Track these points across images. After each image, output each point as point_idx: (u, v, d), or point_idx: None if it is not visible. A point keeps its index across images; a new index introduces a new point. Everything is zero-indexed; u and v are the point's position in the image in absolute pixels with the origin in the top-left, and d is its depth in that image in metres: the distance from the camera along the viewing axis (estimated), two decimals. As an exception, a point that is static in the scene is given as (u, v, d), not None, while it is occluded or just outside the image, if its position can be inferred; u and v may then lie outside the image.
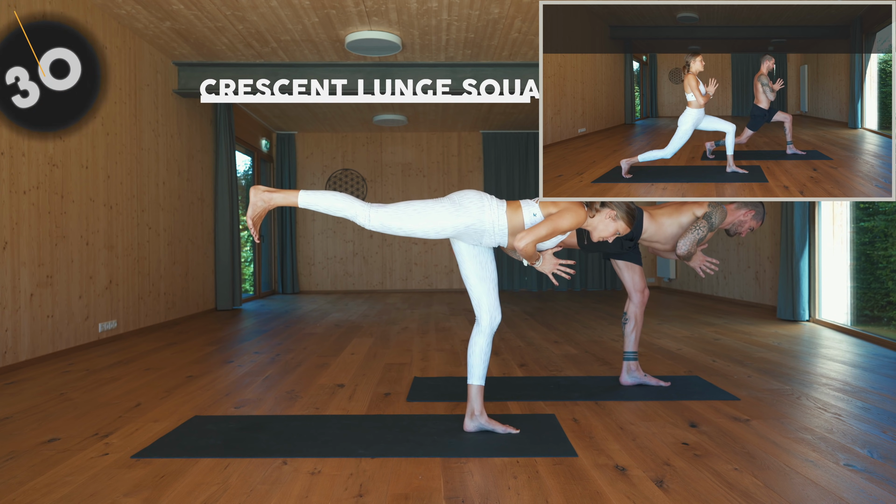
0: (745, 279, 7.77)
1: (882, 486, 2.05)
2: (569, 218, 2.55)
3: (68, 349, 4.68)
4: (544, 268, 2.66)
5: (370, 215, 2.50)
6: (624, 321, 3.46)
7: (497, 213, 2.57)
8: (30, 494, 2.05)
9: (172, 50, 6.23)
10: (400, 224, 2.52)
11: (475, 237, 2.60)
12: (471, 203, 2.55)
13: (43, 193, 4.46)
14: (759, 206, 3.31)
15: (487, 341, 2.66)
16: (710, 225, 3.15)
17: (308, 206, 2.52)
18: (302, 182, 10.46)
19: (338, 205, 2.51)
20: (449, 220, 2.52)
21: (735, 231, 3.32)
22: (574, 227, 2.57)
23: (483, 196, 2.59)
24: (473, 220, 2.54)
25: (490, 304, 2.67)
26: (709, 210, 3.18)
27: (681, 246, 3.14)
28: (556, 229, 2.54)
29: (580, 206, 2.61)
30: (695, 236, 3.13)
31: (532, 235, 2.51)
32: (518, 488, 2.06)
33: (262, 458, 2.37)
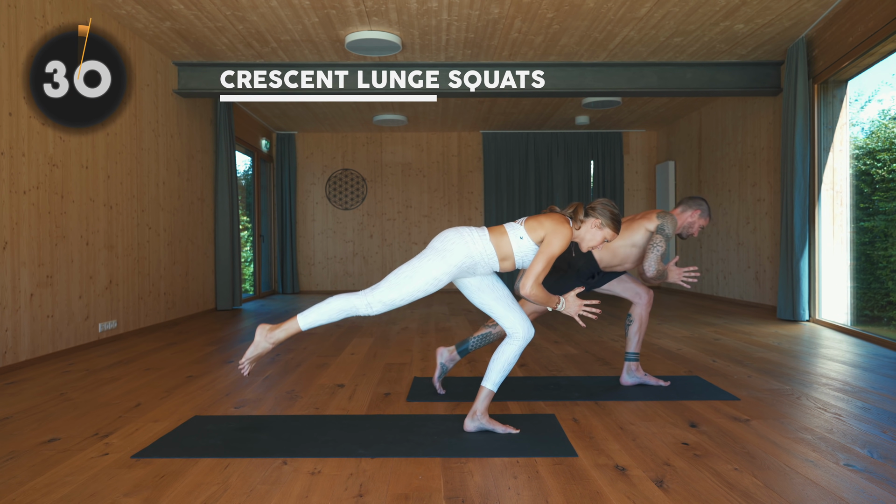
0: (745, 279, 7.77)
1: (882, 486, 2.05)
2: (557, 240, 2.51)
3: (68, 349, 4.68)
4: (569, 310, 2.60)
5: (369, 303, 2.51)
6: (628, 323, 3.42)
7: (482, 242, 2.55)
8: (30, 494, 2.05)
9: (172, 50, 6.23)
10: (399, 294, 2.51)
11: (469, 271, 2.60)
12: (453, 244, 2.54)
13: (43, 193, 4.47)
14: (702, 204, 3.33)
15: (517, 352, 2.61)
16: (665, 236, 3.14)
17: (311, 326, 2.53)
18: (302, 181, 10.46)
19: (336, 308, 2.52)
20: (441, 268, 2.51)
21: (687, 233, 3.33)
22: (565, 246, 2.53)
23: (462, 231, 2.57)
24: (463, 257, 2.53)
25: (518, 315, 2.63)
26: (660, 222, 3.17)
27: (648, 269, 3.12)
28: (551, 258, 2.51)
29: (563, 222, 2.57)
30: (656, 254, 3.11)
31: (532, 277, 2.49)
32: (518, 488, 2.06)
33: (262, 458, 2.37)
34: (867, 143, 5.76)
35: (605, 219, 2.67)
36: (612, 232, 2.69)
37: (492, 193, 10.41)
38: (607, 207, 2.68)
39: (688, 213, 3.30)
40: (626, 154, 10.64)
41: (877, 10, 4.83)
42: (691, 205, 3.31)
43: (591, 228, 2.67)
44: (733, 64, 6.71)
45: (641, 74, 6.74)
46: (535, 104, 8.62)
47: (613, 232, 2.69)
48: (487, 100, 8.25)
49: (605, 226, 2.67)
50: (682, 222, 3.31)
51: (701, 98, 8.31)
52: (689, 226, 3.31)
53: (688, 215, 3.30)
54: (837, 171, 5.81)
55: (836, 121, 5.79)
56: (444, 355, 3.30)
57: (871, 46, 4.93)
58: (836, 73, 5.55)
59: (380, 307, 2.52)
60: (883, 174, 5.47)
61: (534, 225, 2.57)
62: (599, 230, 2.67)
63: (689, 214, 3.30)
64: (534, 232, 2.56)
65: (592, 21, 5.56)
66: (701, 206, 3.31)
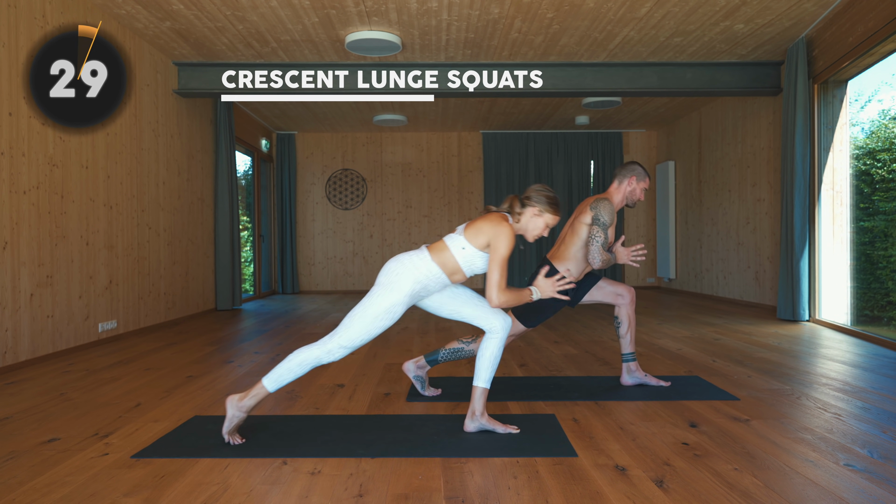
0: (745, 279, 7.77)
1: (882, 486, 2.05)
2: (502, 242, 2.51)
3: (68, 349, 4.68)
4: (545, 295, 2.63)
5: (330, 350, 2.51)
6: (617, 325, 3.42)
7: (425, 265, 2.55)
8: (30, 494, 2.05)
9: (172, 50, 6.23)
10: (358, 335, 2.51)
11: (423, 294, 2.61)
12: (398, 276, 2.54)
13: (43, 193, 4.47)
14: (635, 168, 3.33)
15: (499, 346, 2.62)
16: (601, 225, 3.15)
17: (279, 385, 2.52)
18: (302, 182, 10.46)
19: (297, 362, 2.51)
20: (391, 299, 2.51)
21: (633, 201, 3.34)
22: (512, 244, 2.53)
23: (402, 260, 2.57)
24: (411, 284, 2.53)
25: (492, 312, 2.64)
26: (593, 213, 3.18)
27: (592, 261, 3.14)
28: (502, 261, 2.50)
29: (502, 221, 2.55)
30: (597, 245, 3.13)
31: (495, 287, 2.49)
32: (518, 488, 2.06)
33: (262, 458, 2.37)
34: (867, 143, 5.77)
35: (542, 205, 2.64)
36: (553, 216, 2.66)
37: (492, 193, 10.41)
38: (542, 193, 2.66)
39: (624, 184, 3.32)
40: (626, 154, 10.64)
41: (877, 10, 4.83)
42: (624, 174, 3.33)
43: (532, 218, 2.65)
44: (733, 64, 6.71)
45: (641, 74, 6.74)
46: (535, 104, 8.62)
47: (553, 215, 2.66)
48: (487, 100, 8.25)
49: (545, 211, 2.65)
50: (622, 194, 3.33)
51: (701, 98, 8.31)
52: (631, 194, 3.33)
53: (625, 185, 3.32)
54: (837, 171, 5.81)
55: (836, 121, 5.79)
56: (412, 370, 3.27)
57: (871, 46, 4.93)
58: (836, 73, 5.55)
59: (341, 352, 2.52)
60: (883, 174, 5.47)
61: (473, 232, 2.56)
62: (540, 217, 2.65)
63: (627, 184, 3.32)
64: (475, 238, 2.54)
65: (592, 21, 5.56)
66: (634, 170, 3.33)
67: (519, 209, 2.66)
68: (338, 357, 2.53)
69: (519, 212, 2.66)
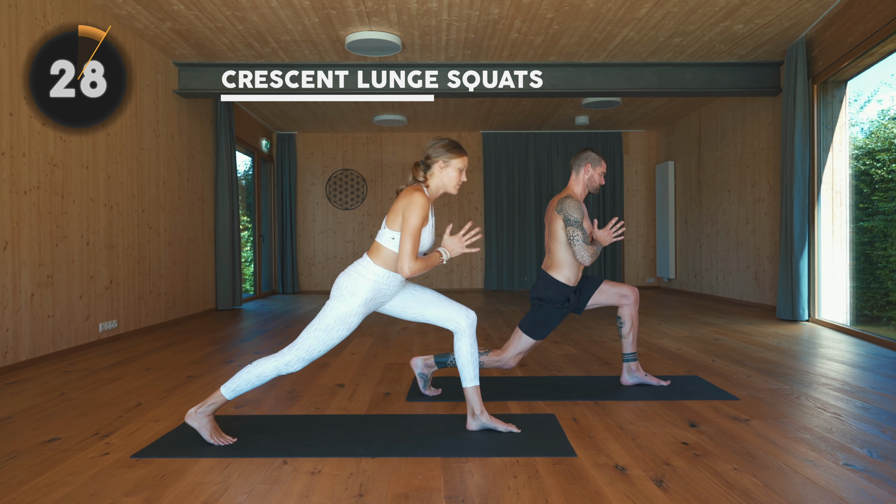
0: (744, 279, 7.78)
1: (881, 486, 2.05)
2: (412, 211, 2.46)
3: (69, 349, 4.68)
4: (454, 253, 2.59)
5: (288, 362, 2.51)
6: (619, 325, 3.42)
7: (370, 270, 2.54)
8: (30, 494, 2.05)
9: (173, 50, 6.23)
10: (316, 345, 2.51)
11: (381, 299, 2.60)
12: (347, 288, 2.53)
13: (44, 193, 4.47)
14: (588, 155, 3.34)
15: (472, 342, 2.64)
16: (574, 223, 3.16)
17: (236, 395, 2.53)
18: (302, 182, 10.47)
19: (255, 374, 2.51)
20: (345, 308, 2.51)
21: (594, 188, 3.35)
22: (425, 211, 2.48)
23: (349, 272, 2.56)
24: (363, 291, 2.52)
25: (454, 309, 2.65)
26: (562, 215, 3.20)
27: (581, 260, 3.17)
28: (413, 231, 2.46)
29: (411, 192, 2.51)
30: (579, 244, 3.15)
31: (405, 257, 2.45)
32: (518, 488, 2.06)
33: (262, 457, 2.37)
34: (866, 144, 5.77)
35: (442, 156, 2.60)
36: (458, 158, 2.62)
37: (492, 193, 10.42)
38: (436, 145, 2.62)
39: (581, 174, 3.34)
40: (625, 154, 10.65)
41: (876, 10, 4.84)
42: (579, 163, 3.34)
43: (440, 172, 2.62)
44: (733, 64, 6.71)
45: (641, 75, 6.74)
46: (534, 104, 8.62)
47: (458, 157, 2.62)
48: (487, 100, 8.25)
49: (449, 159, 2.61)
50: (582, 184, 3.34)
51: (701, 98, 8.31)
52: (590, 181, 3.34)
53: (582, 175, 3.34)
54: (837, 171, 5.81)
55: (835, 121, 5.79)
56: (419, 365, 3.29)
57: (871, 47, 4.94)
58: (836, 73, 5.55)
59: (299, 364, 2.52)
60: (882, 174, 5.48)
61: (392, 217, 2.53)
62: (447, 167, 2.61)
63: (584, 172, 3.33)
64: (395, 222, 2.52)
65: (592, 21, 5.56)
66: (588, 158, 3.34)
67: (423, 173, 2.63)
68: (296, 369, 2.53)
69: (425, 176, 2.63)
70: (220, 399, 2.53)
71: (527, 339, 3.30)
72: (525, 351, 3.34)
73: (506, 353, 3.33)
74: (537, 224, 10.35)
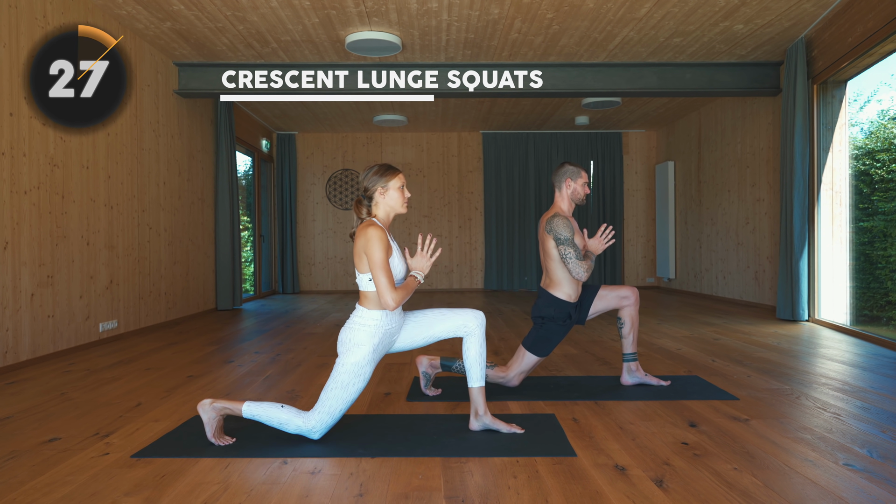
0: (744, 279, 7.78)
1: (881, 486, 2.05)
2: (372, 246, 2.46)
3: (69, 349, 4.68)
4: (425, 271, 2.60)
5: (311, 428, 2.51)
6: (619, 325, 3.42)
7: (368, 317, 2.54)
8: (30, 494, 2.05)
9: (173, 50, 6.23)
10: (338, 403, 2.51)
11: (388, 341, 2.60)
12: (351, 339, 2.54)
13: (44, 193, 4.47)
14: (567, 169, 3.33)
15: (480, 343, 2.64)
16: (564, 241, 3.16)
17: (252, 418, 2.53)
18: (302, 181, 10.47)
19: (281, 420, 2.52)
20: (355, 359, 2.51)
21: (579, 200, 3.34)
22: (384, 242, 2.47)
23: (348, 326, 2.56)
24: (368, 339, 2.53)
25: (461, 315, 2.65)
26: (552, 235, 3.20)
27: (578, 277, 3.17)
28: (381, 263, 2.45)
29: (365, 228, 2.51)
30: (573, 261, 3.15)
31: (385, 292, 2.44)
32: (518, 488, 2.06)
33: (262, 457, 2.37)
34: (866, 144, 5.77)
35: (378, 182, 2.59)
36: (392, 179, 2.60)
37: (492, 193, 10.42)
38: (369, 175, 2.60)
39: (564, 189, 3.33)
40: (625, 154, 10.65)
41: (876, 10, 4.84)
42: (559, 180, 3.34)
43: (382, 199, 2.60)
44: (733, 64, 6.71)
45: (641, 75, 6.74)
46: (534, 104, 8.62)
47: (393, 178, 2.60)
48: (487, 100, 8.25)
49: (385, 184, 2.59)
50: (567, 200, 3.33)
51: (700, 98, 8.31)
52: (574, 194, 3.33)
53: (565, 191, 3.33)
54: (837, 172, 5.82)
55: (835, 121, 5.79)
56: (424, 363, 3.30)
57: (871, 47, 4.94)
58: (836, 73, 5.55)
59: (321, 430, 2.52)
60: (882, 174, 5.48)
61: (358, 261, 2.53)
62: (386, 192, 2.59)
63: (566, 188, 3.32)
64: (363, 265, 2.52)
65: (592, 21, 5.56)
66: (566, 172, 3.33)
67: (367, 208, 2.63)
68: (316, 437, 2.53)
69: (370, 207, 2.63)
70: (237, 410, 2.54)
71: (530, 356, 3.30)
72: (529, 369, 3.33)
73: (510, 371, 3.33)
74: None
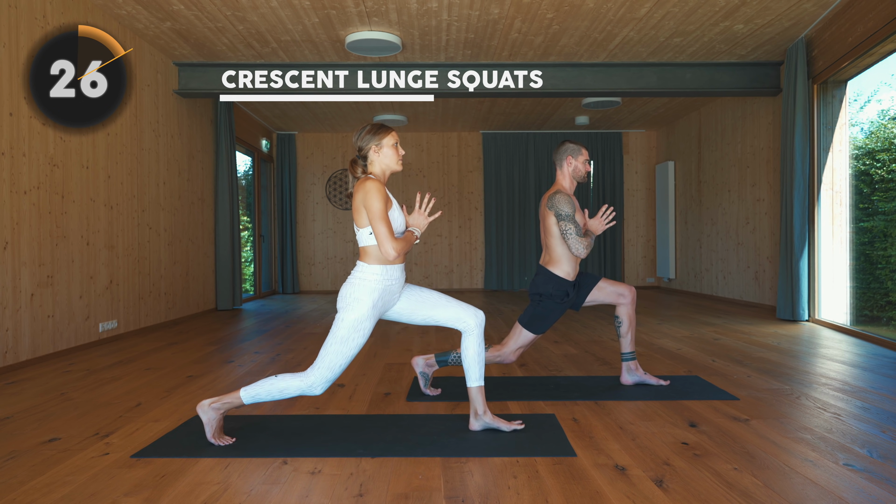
0: (744, 279, 7.78)
1: (881, 486, 2.05)
2: (370, 198, 2.47)
3: (69, 349, 4.68)
4: (422, 227, 2.63)
5: (312, 384, 2.51)
6: (617, 324, 3.42)
7: (368, 272, 2.54)
8: (30, 494, 2.05)
9: (173, 50, 6.23)
10: (336, 360, 2.51)
11: (388, 301, 2.60)
12: (351, 294, 2.53)
13: (44, 193, 4.47)
14: (567, 147, 3.34)
15: (479, 341, 2.65)
16: (566, 217, 3.17)
17: (254, 402, 2.54)
18: (302, 182, 10.47)
19: (277, 388, 2.52)
20: (355, 315, 2.51)
21: (581, 178, 3.35)
22: (382, 193, 2.49)
23: (349, 281, 2.57)
24: (368, 294, 2.53)
25: (462, 309, 2.66)
26: (553, 211, 3.20)
27: (577, 253, 3.17)
28: (381, 214, 2.47)
29: (362, 184, 2.52)
30: (572, 237, 3.16)
31: (385, 241, 2.45)
32: (518, 488, 2.06)
33: (262, 457, 2.37)
34: (866, 144, 5.77)
35: (372, 140, 2.60)
36: (386, 136, 2.62)
37: (492, 193, 10.42)
38: (363, 134, 2.62)
39: (565, 167, 3.34)
40: (625, 154, 10.65)
41: (876, 10, 4.84)
42: (560, 158, 3.35)
43: (377, 157, 2.61)
44: (733, 64, 6.71)
45: (641, 75, 6.74)
46: (534, 104, 8.62)
47: (386, 136, 2.62)
48: (487, 100, 8.25)
49: (379, 141, 2.61)
50: (568, 177, 3.34)
51: (701, 98, 8.31)
52: (575, 172, 3.34)
53: (566, 168, 3.34)
54: (837, 172, 5.81)
55: (835, 121, 5.79)
56: (420, 364, 3.30)
57: (871, 47, 4.94)
58: (836, 73, 5.55)
59: (323, 385, 2.52)
60: (882, 174, 5.48)
61: (357, 216, 2.55)
62: (380, 149, 2.61)
63: (567, 165, 3.33)
64: (362, 219, 2.53)
65: (592, 21, 5.56)
66: (567, 150, 3.34)
67: (362, 167, 2.64)
68: (319, 392, 2.53)
69: (366, 166, 2.64)
70: (237, 401, 2.53)
71: (526, 333, 3.30)
72: (525, 345, 3.34)
73: (505, 347, 3.34)
74: (537, 224, 10.35)
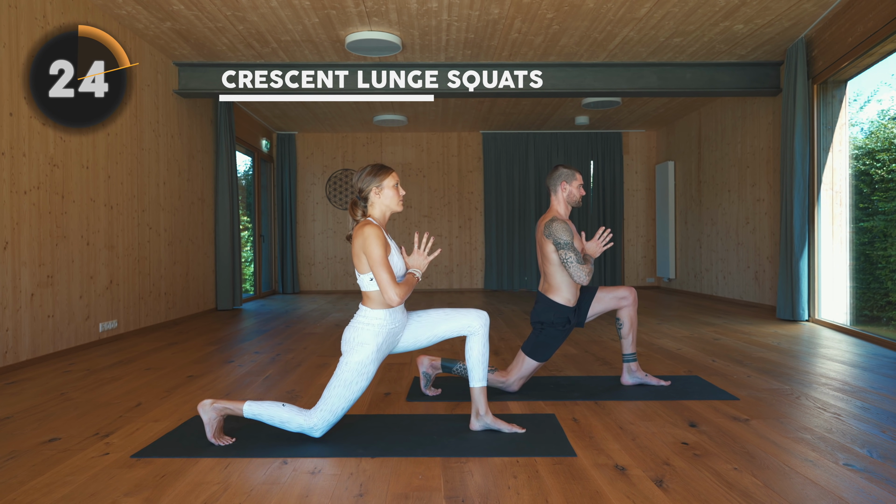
0: (744, 279, 7.78)
1: (881, 486, 2.05)
2: (370, 245, 2.47)
3: (69, 349, 4.68)
4: (423, 268, 2.62)
5: (313, 425, 2.51)
6: (618, 326, 3.41)
7: (371, 315, 2.55)
8: (30, 494, 2.05)
9: (173, 50, 6.23)
10: (340, 402, 2.51)
11: (392, 339, 2.60)
12: (355, 338, 2.54)
13: (44, 193, 4.47)
14: (561, 172, 3.32)
15: (483, 343, 2.64)
16: (565, 245, 3.15)
17: (254, 418, 2.53)
18: (302, 182, 10.47)
19: (282, 418, 2.52)
20: (359, 358, 2.51)
21: (575, 203, 3.34)
22: (381, 239, 2.48)
23: (352, 325, 2.57)
24: (373, 338, 2.53)
25: (465, 316, 2.65)
26: (552, 239, 3.18)
27: (578, 280, 3.15)
28: (381, 260, 2.46)
29: (361, 228, 2.52)
30: (573, 265, 3.13)
31: (388, 287, 2.44)
32: (518, 488, 2.06)
33: (262, 457, 2.37)
34: (866, 144, 5.77)
35: (372, 182, 2.59)
36: (386, 178, 2.61)
37: (492, 193, 10.42)
38: (363, 176, 2.61)
39: (560, 193, 3.32)
40: (625, 154, 10.65)
41: (876, 10, 4.84)
42: (555, 183, 3.33)
43: (378, 199, 2.61)
44: (733, 64, 6.71)
45: (641, 75, 6.74)
46: (534, 104, 8.62)
47: (386, 177, 2.61)
48: (487, 100, 8.25)
49: (379, 183, 2.60)
50: (563, 203, 3.33)
51: (701, 98, 8.31)
52: (570, 197, 3.32)
53: (560, 194, 3.32)
54: (837, 172, 5.81)
55: (835, 121, 5.79)
56: (425, 363, 3.29)
57: (871, 47, 4.94)
58: (836, 73, 5.55)
59: (323, 428, 2.53)
60: (882, 174, 5.48)
61: (358, 262, 2.54)
62: (381, 191, 2.60)
63: (561, 191, 3.32)
64: (363, 265, 2.53)
65: (592, 21, 5.56)
66: (560, 175, 3.32)
67: (363, 209, 2.63)
68: (318, 434, 2.53)
69: (366, 208, 2.63)
70: (238, 410, 2.54)
71: (530, 361, 3.29)
72: (529, 374, 3.32)
73: (510, 376, 3.31)
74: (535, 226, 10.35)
